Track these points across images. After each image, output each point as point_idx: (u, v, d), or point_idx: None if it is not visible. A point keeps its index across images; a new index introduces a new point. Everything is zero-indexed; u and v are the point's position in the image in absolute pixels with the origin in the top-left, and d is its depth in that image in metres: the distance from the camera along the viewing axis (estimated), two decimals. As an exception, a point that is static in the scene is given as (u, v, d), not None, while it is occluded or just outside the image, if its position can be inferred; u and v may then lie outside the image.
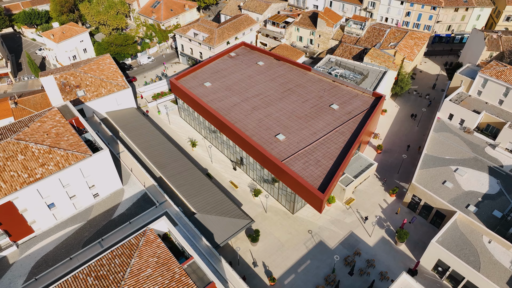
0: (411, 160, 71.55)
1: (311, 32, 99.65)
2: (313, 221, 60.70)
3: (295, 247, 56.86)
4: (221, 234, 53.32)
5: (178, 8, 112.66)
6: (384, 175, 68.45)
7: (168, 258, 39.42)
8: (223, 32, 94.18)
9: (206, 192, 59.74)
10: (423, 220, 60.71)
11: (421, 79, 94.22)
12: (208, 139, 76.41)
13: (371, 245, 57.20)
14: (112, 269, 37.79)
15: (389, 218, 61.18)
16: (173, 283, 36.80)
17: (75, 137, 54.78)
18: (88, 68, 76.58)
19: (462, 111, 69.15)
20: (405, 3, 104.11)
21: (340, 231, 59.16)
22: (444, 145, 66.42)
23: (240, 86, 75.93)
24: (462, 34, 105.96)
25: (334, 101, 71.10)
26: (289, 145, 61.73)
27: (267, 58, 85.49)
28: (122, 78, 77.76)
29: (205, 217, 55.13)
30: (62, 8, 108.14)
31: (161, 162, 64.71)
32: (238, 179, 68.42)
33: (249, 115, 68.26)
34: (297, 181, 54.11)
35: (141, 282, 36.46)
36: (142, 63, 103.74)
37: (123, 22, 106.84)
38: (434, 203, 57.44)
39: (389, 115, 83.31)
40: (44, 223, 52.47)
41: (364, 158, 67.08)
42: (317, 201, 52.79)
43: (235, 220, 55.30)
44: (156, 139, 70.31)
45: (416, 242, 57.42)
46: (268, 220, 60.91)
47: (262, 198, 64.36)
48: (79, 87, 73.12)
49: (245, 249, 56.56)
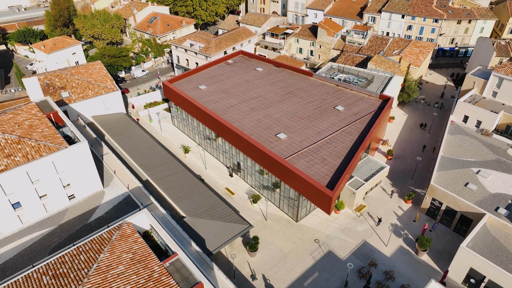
0: (425, 166, 65.05)
1: (311, 43, 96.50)
2: (320, 229, 53.12)
3: (300, 258, 48.92)
4: (214, 240, 45.66)
5: (175, 23, 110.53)
6: (396, 182, 61.64)
7: (146, 255, 31.97)
8: (220, 42, 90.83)
9: (198, 195, 52.64)
10: (445, 228, 53.20)
11: (428, 89, 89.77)
12: (203, 146, 70.15)
13: (388, 255, 49.36)
14: (75, 266, 30.22)
15: (406, 226, 53.70)
16: (150, 283, 29.15)
17: (51, 129, 48.59)
18: (75, 71, 71.81)
19: (479, 112, 63.71)
20: (406, 16, 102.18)
21: (352, 240, 51.47)
22: (461, 147, 60.31)
23: (238, 89, 70.90)
24: (466, 48, 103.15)
25: (339, 103, 65.79)
26: (291, 143, 55.52)
27: (266, 65, 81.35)
28: (112, 82, 72.81)
29: (196, 221, 47.67)
30: (56, 22, 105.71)
31: (148, 164, 58.03)
32: (235, 186, 61.40)
33: (247, 115, 62.58)
34: (302, 179, 47.34)
35: (109, 281, 28.83)
36: (136, 76, 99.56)
37: (118, 35, 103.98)
38: (458, 206, 50.32)
39: (397, 122, 77.76)
40: (6, 227, 44.83)
41: (374, 162, 60.62)
42: (325, 201, 45.74)
43: (231, 225, 47.83)
44: (145, 142, 64.05)
45: (440, 252, 49.65)
46: (268, 229, 53.30)
47: (261, 205, 57.08)
48: (64, 88, 67.87)
49: (242, 260, 48.57)
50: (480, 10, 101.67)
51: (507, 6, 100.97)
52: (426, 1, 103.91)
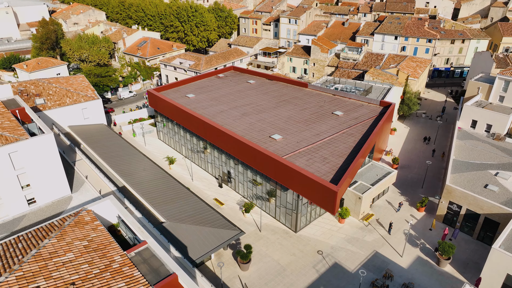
0: (434, 174, 59.07)
1: (305, 61, 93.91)
2: (323, 240, 45.71)
3: (301, 272, 41.10)
4: (199, 247, 38.12)
5: (166, 47, 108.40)
6: (405, 191, 55.26)
7: (106, 244, 24.82)
8: (211, 60, 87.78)
9: (181, 200, 45.58)
10: (467, 237, 46.14)
11: (428, 105, 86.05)
12: (190, 158, 63.77)
13: (404, 266, 41.79)
14: (8, 255, 22.87)
15: (422, 235, 46.58)
16: (106, 273, 21.84)
17: (13, 122, 42.44)
18: (54, 80, 66.93)
19: (488, 115, 59.17)
20: (399, 37, 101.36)
21: (361, 251, 44.01)
22: (473, 151, 54.94)
23: (228, 98, 66.09)
24: (461, 68, 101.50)
25: (337, 109, 60.99)
26: (287, 144, 49.64)
27: (259, 78, 77.51)
28: (93, 91, 67.80)
29: (178, 227, 40.28)
30: (42, 45, 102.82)
31: (126, 170, 51.29)
32: (225, 196, 54.39)
33: (238, 119, 57.18)
34: (301, 175, 40.97)
35: (50, 269, 21.57)
36: (123, 97, 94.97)
37: (106, 57, 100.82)
38: (480, 208, 43.78)
39: (399, 134, 72.74)
40: None
41: (380, 167, 54.62)
42: (329, 198, 39.06)
43: (219, 231, 40.48)
44: (125, 150, 57.67)
45: (464, 263, 42.28)
46: (263, 240, 45.75)
47: (254, 216, 49.85)
48: (39, 95, 62.48)
49: (231, 275, 40.60)
50: (472, 31, 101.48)
51: (498, 27, 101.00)
52: (418, 23, 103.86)
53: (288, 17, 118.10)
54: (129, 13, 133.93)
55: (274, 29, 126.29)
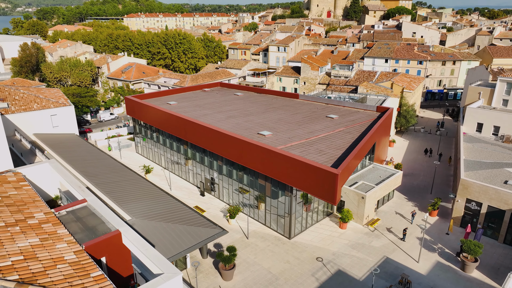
0: (442, 180, 53.08)
1: (295, 80, 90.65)
2: (322, 246, 38.29)
3: (297, 280, 33.28)
4: (170, 247, 30.53)
5: (152, 72, 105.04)
6: (412, 197, 48.82)
7: (29, 202, 17.87)
8: (197, 78, 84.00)
9: (153, 199, 38.32)
10: (491, 241, 39.19)
11: (426, 122, 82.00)
12: (170, 170, 56.99)
13: (423, 273, 34.32)
14: None
15: (438, 239, 39.51)
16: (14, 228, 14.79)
17: (-44, 105, 36.10)
18: (23, 87, 61.42)
19: (495, 116, 54.65)
20: (390, 60, 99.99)
21: (368, 257, 36.57)
22: (484, 152, 49.63)
23: (214, 105, 60.96)
24: (455, 90, 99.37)
25: (332, 114, 56.04)
26: (277, 139, 43.70)
27: (248, 92, 73.18)
28: (66, 100, 62.14)
29: (146, 224, 32.83)
30: (21, 68, 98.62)
31: (91, 172, 44.18)
32: (207, 204, 47.14)
33: (224, 120, 51.55)
34: (296, 161, 34.72)
35: None
36: (103, 120, 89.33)
37: (88, 79, 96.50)
38: (505, 203, 37.44)
39: (399, 147, 67.47)
40: None
41: (383, 169, 48.57)
42: (329, 183, 32.53)
43: (196, 229, 33.06)
44: (94, 155, 50.83)
45: (494, 268, 35.04)
46: (251, 248, 38.13)
47: (241, 223, 42.46)
48: (3, 100, 56.49)
49: (211, 285, 32.56)
50: (462, 53, 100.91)
51: (487, 50, 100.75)
52: (407, 47, 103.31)
53: (277, 45, 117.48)
54: (116, 44, 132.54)
55: (263, 58, 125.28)
